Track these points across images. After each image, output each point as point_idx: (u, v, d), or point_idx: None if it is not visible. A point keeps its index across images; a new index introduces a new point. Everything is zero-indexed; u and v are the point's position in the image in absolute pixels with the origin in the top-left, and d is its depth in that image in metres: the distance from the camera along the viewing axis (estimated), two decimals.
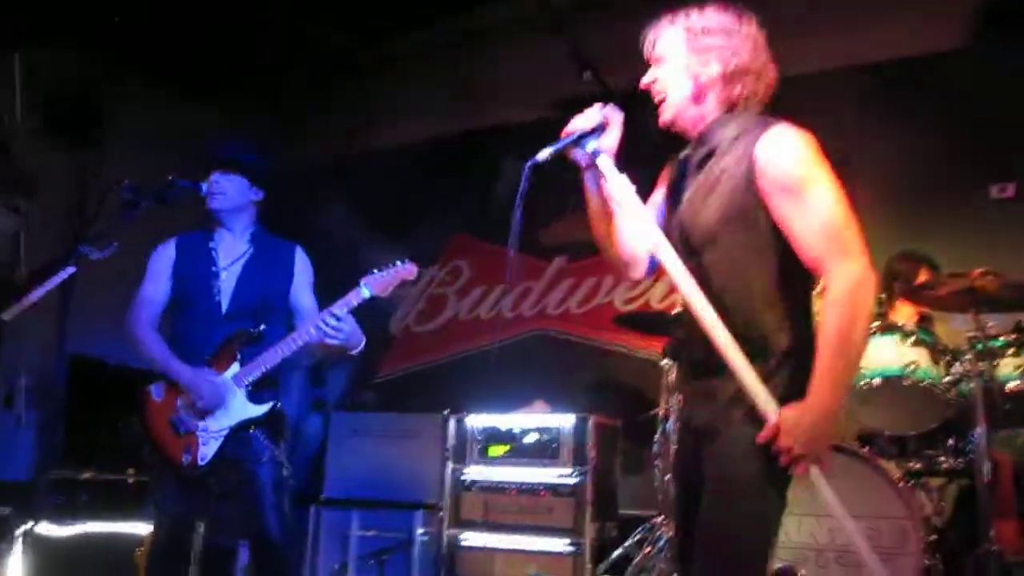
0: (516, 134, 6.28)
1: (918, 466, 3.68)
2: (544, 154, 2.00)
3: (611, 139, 2.07)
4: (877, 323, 3.74)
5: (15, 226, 6.14)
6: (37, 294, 2.78)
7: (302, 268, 3.46)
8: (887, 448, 3.84)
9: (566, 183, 2.31)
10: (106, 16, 5.94)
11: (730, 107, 2.07)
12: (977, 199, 4.80)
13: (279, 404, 3.23)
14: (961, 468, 3.63)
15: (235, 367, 3.19)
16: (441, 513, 4.73)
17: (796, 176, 1.92)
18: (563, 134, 2.06)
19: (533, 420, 4.76)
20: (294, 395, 6.60)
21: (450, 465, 4.82)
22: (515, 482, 4.65)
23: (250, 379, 3.18)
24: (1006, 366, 3.50)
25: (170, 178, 3.08)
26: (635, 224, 2.12)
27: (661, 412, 4.47)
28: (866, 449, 3.56)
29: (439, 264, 6.41)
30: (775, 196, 1.93)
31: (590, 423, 4.58)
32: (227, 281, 3.31)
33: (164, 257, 3.39)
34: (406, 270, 3.24)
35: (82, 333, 6.24)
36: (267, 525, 3.13)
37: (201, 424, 3.14)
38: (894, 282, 4.15)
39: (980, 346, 3.47)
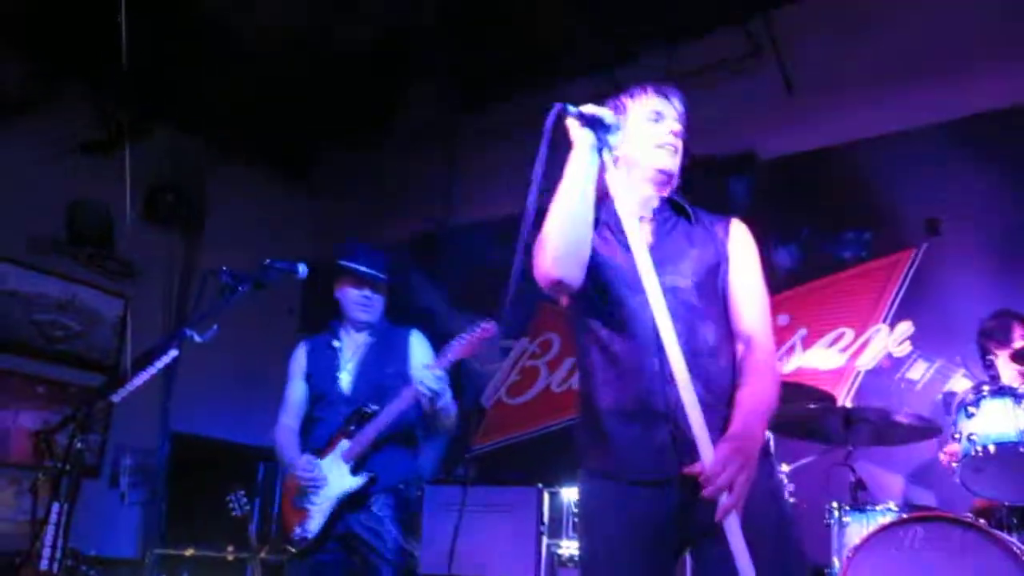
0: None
1: None
2: (575, 109, 2.07)
3: (619, 141, 2.14)
4: (986, 387, 3.58)
5: (119, 311, 6.42)
6: (143, 377, 2.88)
7: (418, 350, 3.70)
8: (1007, 520, 3.62)
9: None
10: (204, 105, 6.26)
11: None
12: None
13: (376, 476, 3.39)
14: None
15: (344, 444, 3.42)
16: None
17: (755, 258, 2.23)
18: (584, 109, 2.09)
19: None
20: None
21: (545, 540, 4.74)
22: None
23: (354, 454, 3.39)
24: None
25: (267, 262, 3.19)
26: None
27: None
28: (982, 522, 3.36)
29: (530, 336, 6.42)
30: (739, 262, 2.20)
31: None
32: (348, 373, 3.62)
33: (295, 361, 3.74)
34: (485, 329, 3.44)
35: (184, 412, 6.45)
36: None
37: (311, 499, 3.38)
38: (988, 342, 4.07)
39: None
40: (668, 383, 1.99)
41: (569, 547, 4.66)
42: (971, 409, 3.48)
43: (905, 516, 3.43)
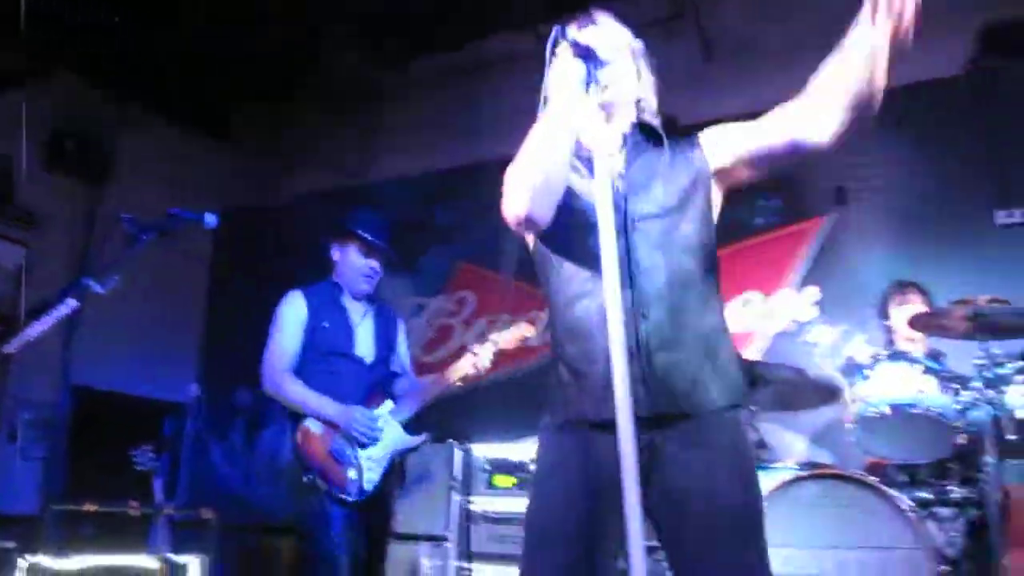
0: None
1: (929, 496, 3.64)
2: (570, 37, 1.83)
3: (608, 78, 1.95)
4: (885, 351, 3.72)
5: (18, 260, 6.18)
6: (39, 327, 2.77)
7: (402, 326, 3.93)
8: (897, 477, 3.80)
9: None
10: (112, 51, 6.01)
11: None
12: (982, 225, 4.78)
13: (431, 438, 3.65)
14: (972, 498, 3.58)
15: (388, 404, 3.55)
16: (448, 545, 4.68)
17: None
18: (579, 38, 1.85)
19: None
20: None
21: (457, 496, 4.78)
22: (523, 513, 4.59)
23: (404, 414, 3.56)
24: (1014, 394, 3.46)
25: (170, 211, 3.08)
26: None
27: None
28: (873, 479, 3.52)
29: (445, 294, 6.41)
30: (721, 137, 2.12)
31: None
32: (363, 336, 3.66)
33: (295, 310, 3.61)
34: (524, 327, 3.90)
35: (88, 365, 6.26)
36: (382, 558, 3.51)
37: (364, 454, 3.42)
38: (885, 308, 4.32)
39: (988, 374, 3.43)
40: (639, 318, 1.91)
41: (480, 503, 4.71)
42: (867, 372, 3.62)
43: (803, 474, 3.57)
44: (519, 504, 4.61)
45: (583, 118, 1.91)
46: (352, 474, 3.35)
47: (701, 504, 1.84)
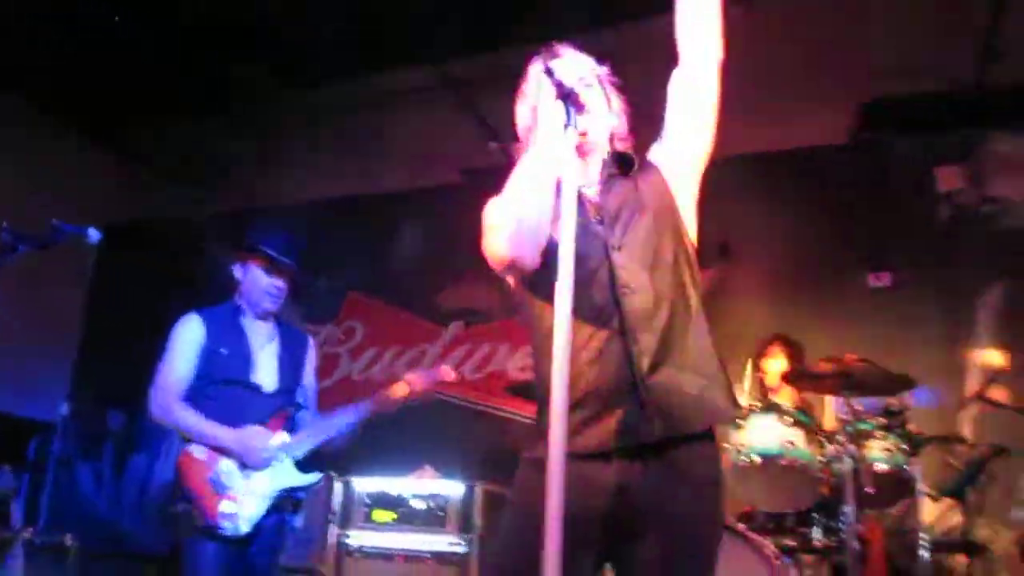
0: (416, 198, 6.35)
1: (793, 543, 3.78)
2: (556, 76, 1.81)
3: (585, 124, 1.98)
4: (758, 403, 3.87)
5: None
6: None
7: (312, 355, 3.67)
8: (765, 524, 3.94)
9: (466, 249, 2.30)
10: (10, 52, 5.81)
11: None
12: (855, 287, 5.05)
13: (326, 475, 3.43)
14: (834, 545, 3.74)
15: (283, 436, 3.30)
16: None
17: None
18: (564, 79, 1.82)
19: (421, 486, 4.70)
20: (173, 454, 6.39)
21: (334, 529, 4.70)
22: (400, 549, 4.57)
23: (300, 449, 3.31)
24: (874, 448, 3.67)
25: (54, 223, 2.97)
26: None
27: None
28: (742, 526, 3.64)
29: (334, 322, 6.36)
30: (663, 138, 2.19)
31: (478, 491, 4.56)
32: (265, 362, 3.42)
33: (190, 333, 3.37)
34: (444, 372, 3.73)
35: None
36: None
37: (245, 485, 3.18)
38: (758, 361, 4.47)
39: (851, 428, 3.62)
40: (630, 343, 1.89)
41: (357, 537, 4.65)
42: (740, 423, 3.76)
43: None
44: (397, 540, 4.58)
45: (563, 157, 1.83)
46: (227, 506, 3.11)
47: (663, 547, 1.87)
